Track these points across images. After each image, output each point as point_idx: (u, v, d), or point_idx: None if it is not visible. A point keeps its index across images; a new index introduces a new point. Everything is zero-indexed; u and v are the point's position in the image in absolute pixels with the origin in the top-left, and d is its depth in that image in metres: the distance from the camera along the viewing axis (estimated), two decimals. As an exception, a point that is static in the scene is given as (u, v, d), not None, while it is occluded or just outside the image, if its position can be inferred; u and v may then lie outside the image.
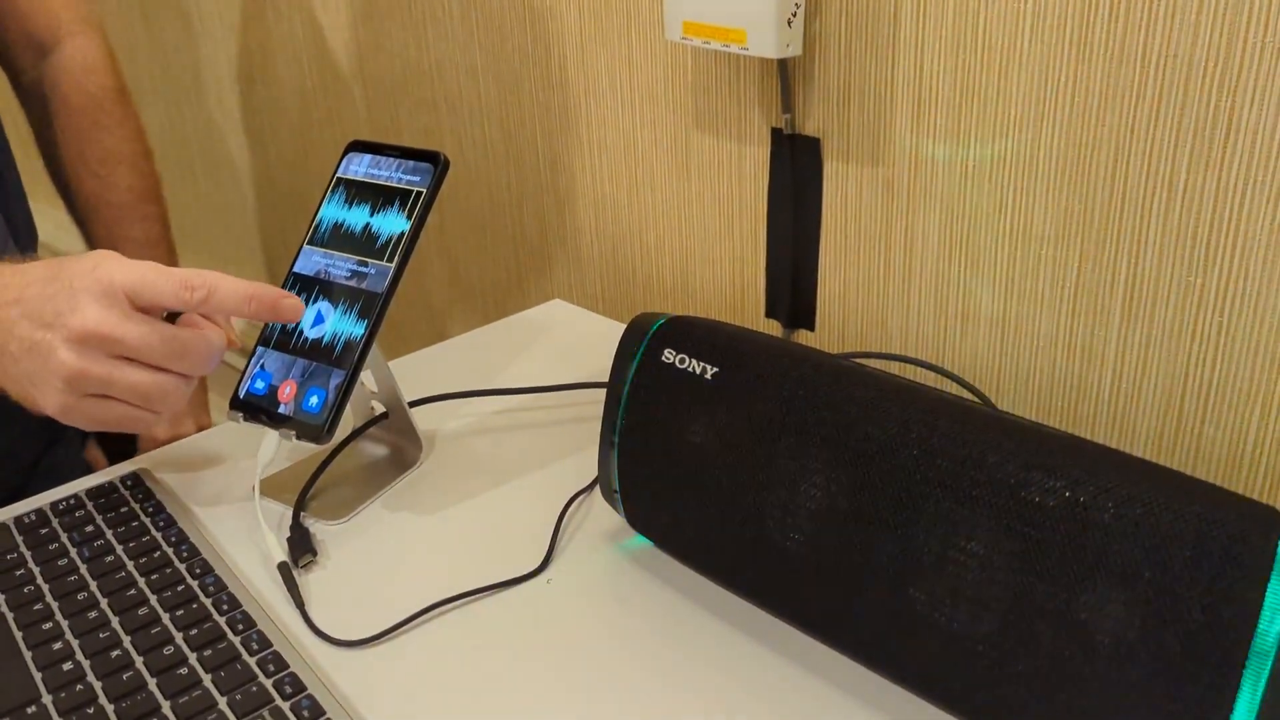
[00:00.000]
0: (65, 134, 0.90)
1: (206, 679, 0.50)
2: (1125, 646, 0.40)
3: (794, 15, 0.68)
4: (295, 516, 0.63)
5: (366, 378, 0.67)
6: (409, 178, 0.64)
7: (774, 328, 0.83)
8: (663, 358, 0.55)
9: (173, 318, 0.60)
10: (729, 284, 0.85)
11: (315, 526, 0.63)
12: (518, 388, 0.77)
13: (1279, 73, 0.53)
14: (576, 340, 0.87)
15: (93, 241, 0.91)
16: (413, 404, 0.74)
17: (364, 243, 0.64)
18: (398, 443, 0.71)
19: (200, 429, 0.92)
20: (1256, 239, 0.56)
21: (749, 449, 0.51)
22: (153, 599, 0.56)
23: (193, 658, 0.52)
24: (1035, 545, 0.42)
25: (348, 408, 0.62)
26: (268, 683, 0.50)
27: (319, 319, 0.63)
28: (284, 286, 0.65)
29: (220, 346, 0.59)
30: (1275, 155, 0.54)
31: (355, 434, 0.70)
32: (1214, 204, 0.57)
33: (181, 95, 1.47)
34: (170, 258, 0.94)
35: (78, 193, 0.91)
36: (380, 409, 0.71)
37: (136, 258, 0.60)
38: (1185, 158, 0.57)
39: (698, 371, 0.54)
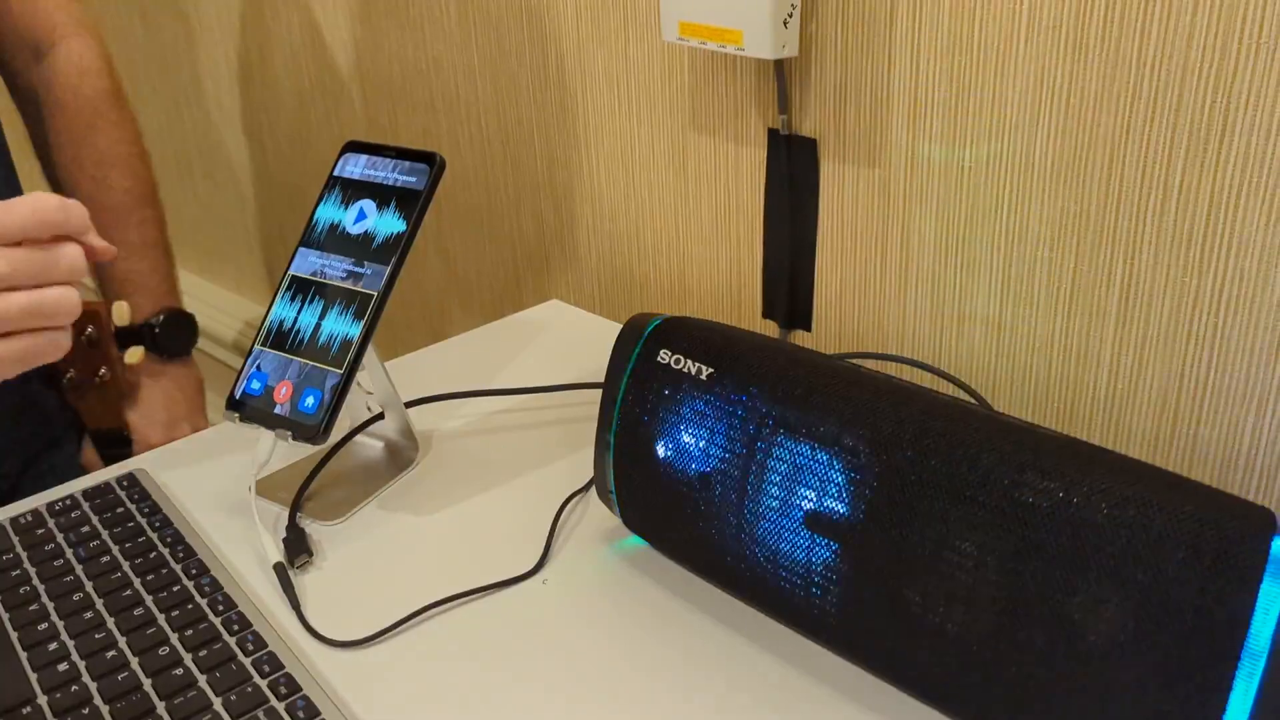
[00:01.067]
0: (61, 137, 0.90)
1: (202, 679, 0.50)
2: (1119, 647, 0.40)
3: (790, 16, 0.68)
4: (291, 517, 0.63)
5: (363, 378, 0.67)
6: (405, 178, 0.64)
7: (771, 328, 0.83)
8: (658, 358, 0.55)
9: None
10: (726, 284, 0.85)
11: (311, 527, 0.63)
12: (514, 388, 0.77)
13: (1273, 74, 0.53)
14: (573, 341, 0.87)
15: None
16: (410, 404, 0.74)
17: (360, 243, 0.64)
18: (394, 443, 0.71)
19: (195, 430, 0.93)
20: (1251, 240, 0.56)
21: (743, 450, 0.51)
22: (148, 599, 0.56)
23: (188, 658, 0.52)
24: (1029, 546, 0.42)
25: (344, 408, 0.62)
26: (263, 683, 0.50)
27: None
28: (280, 288, 0.65)
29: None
30: (1270, 157, 0.54)
31: (352, 434, 0.70)
32: (1209, 205, 0.57)
33: (180, 95, 1.47)
34: (167, 261, 0.94)
35: (73, 195, 0.91)
36: (377, 409, 0.71)
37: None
38: (1180, 159, 0.57)
39: (693, 372, 0.54)
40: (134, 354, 0.92)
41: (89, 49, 0.90)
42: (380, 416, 0.70)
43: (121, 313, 0.87)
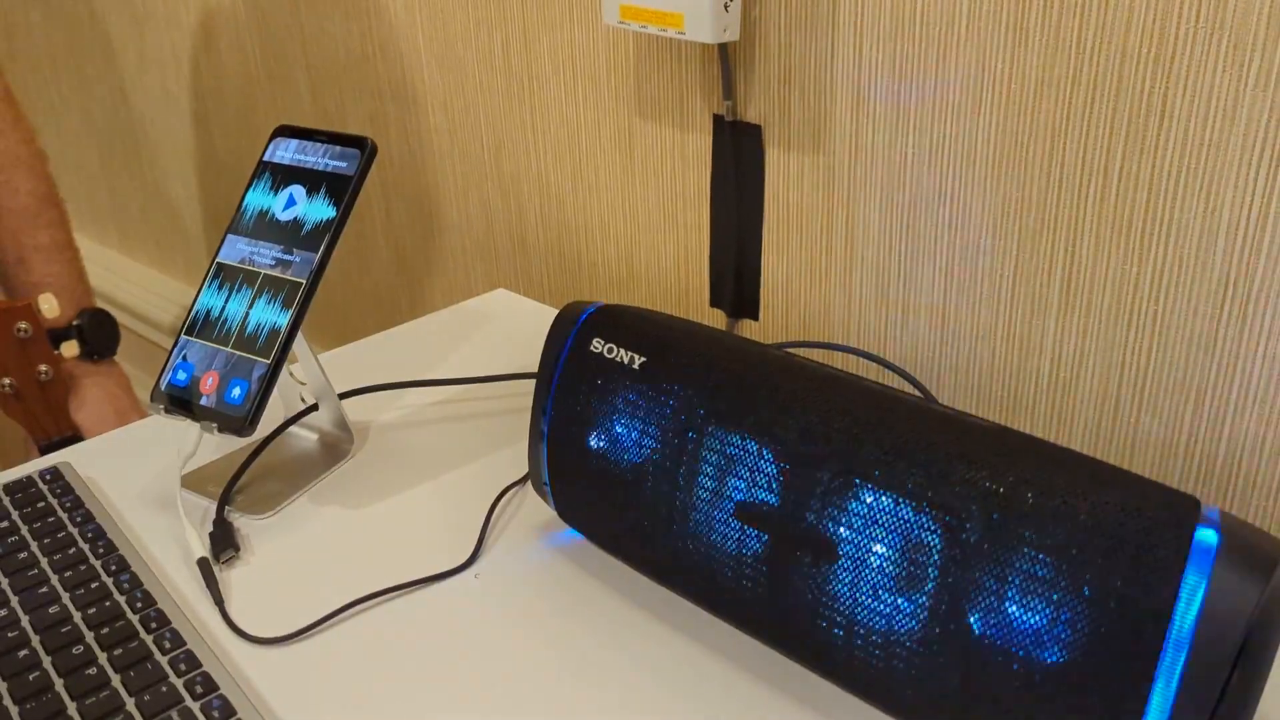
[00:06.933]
0: None
1: (115, 679, 0.49)
2: (1043, 638, 0.39)
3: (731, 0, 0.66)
4: (219, 511, 0.61)
5: (296, 368, 0.66)
6: (336, 163, 0.62)
7: (719, 317, 0.82)
8: (591, 347, 0.54)
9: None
10: (674, 273, 0.84)
11: (240, 521, 0.62)
12: (451, 378, 0.76)
13: (1210, 59, 0.52)
14: (519, 330, 0.85)
15: None
16: (345, 395, 0.72)
17: (289, 230, 0.62)
18: (328, 435, 0.69)
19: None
20: (1190, 225, 0.56)
21: (675, 440, 0.50)
22: (65, 597, 0.54)
23: (102, 657, 0.50)
24: (956, 536, 0.41)
25: (276, 398, 0.60)
26: (178, 682, 0.48)
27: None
28: (207, 276, 0.63)
29: None
30: (1207, 142, 0.54)
31: (284, 426, 0.68)
32: (1148, 191, 0.57)
33: (126, 82, 1.44)
34: (78, 261, 0.92)
35: None
36: (311, 400, 0.69)
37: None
38: (1120, 145, 0.57)
39: (625, 361, 0.53)
40: (69, 347, 0.90)
41: None
42: (314, 408, 0.69)
43: (51, 305, 0.85)
